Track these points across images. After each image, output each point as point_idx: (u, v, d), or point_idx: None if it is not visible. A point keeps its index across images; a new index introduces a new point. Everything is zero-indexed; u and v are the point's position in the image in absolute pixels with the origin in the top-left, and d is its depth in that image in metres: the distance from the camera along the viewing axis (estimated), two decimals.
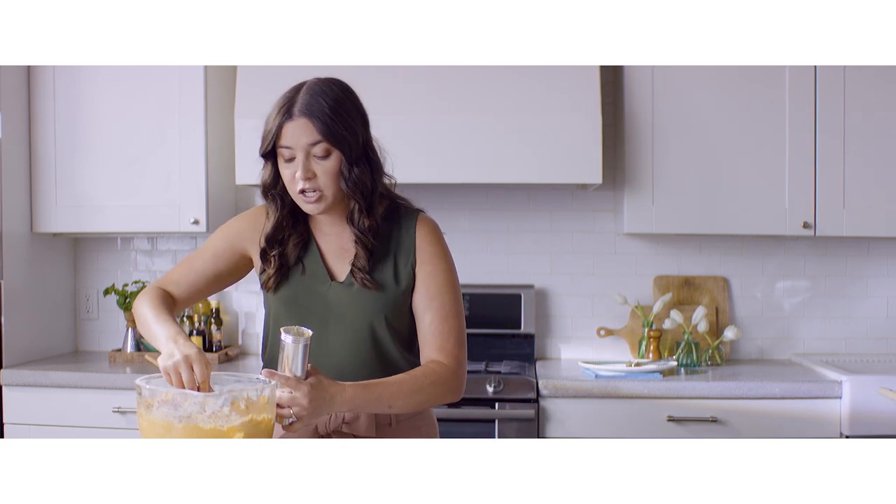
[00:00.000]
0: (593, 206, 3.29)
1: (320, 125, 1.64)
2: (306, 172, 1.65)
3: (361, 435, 1.70)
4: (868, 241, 3.25)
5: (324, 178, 1.66)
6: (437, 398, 1.69)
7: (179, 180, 3.03)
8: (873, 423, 2.66)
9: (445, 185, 3.08)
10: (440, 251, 1.76)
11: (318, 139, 1.64)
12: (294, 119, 1.64)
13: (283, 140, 1.66)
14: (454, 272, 1.78)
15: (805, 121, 2.94)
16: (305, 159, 1.65)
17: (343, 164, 1.67)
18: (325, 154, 1.65)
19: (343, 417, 1.70)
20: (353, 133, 1.67)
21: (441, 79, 2.87)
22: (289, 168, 1.68)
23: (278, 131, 1.66)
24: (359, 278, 1.71)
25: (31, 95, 3.08)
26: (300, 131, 1.64)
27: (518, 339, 3.23)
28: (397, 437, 1.72)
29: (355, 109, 1.70)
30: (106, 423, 2.79)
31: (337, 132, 1.65)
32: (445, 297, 1.73)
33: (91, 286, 3.41)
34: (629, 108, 2.98)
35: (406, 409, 1.67)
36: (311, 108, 1.64)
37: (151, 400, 1.40)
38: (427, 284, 1.73)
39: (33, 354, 3.11)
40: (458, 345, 1.73)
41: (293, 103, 1.66)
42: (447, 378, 1.70)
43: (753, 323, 3.28)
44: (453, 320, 1.74)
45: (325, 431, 1.70)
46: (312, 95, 1.66)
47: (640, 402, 2.71)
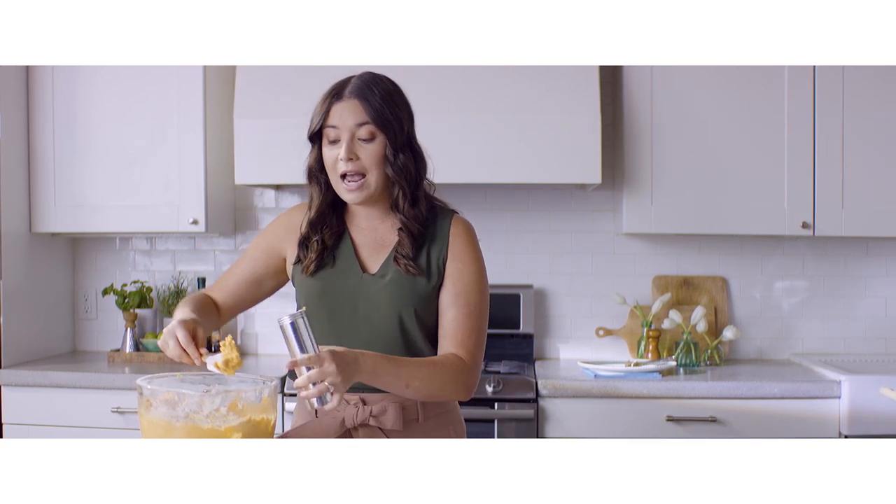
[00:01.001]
0: (592, 206, 3.29)
1: (369, 107, 1.67)
2: (349, 153, 1.67)
3: (388, 428, 1.69)
4: (867, 241, 3.25)
5: (367, 160, 1.68)
6: (450, 390, 1.68)
7: (178, 180, 3.03)
8: (872, 423, 2.66)
9: (445, 185, 3.06)
10: (472, 251, 1.77)
11: (365, 120, 1.67)
12: (344, 100, 1.69)
13: (330, 120, 1.69)
14: (484, 274, 1.78)
15: (804, 121, 2.94)
16: (350, 140, 1.68)
17: (388, 149, 1.69)
18: (371, 137, 1.68)
19: (371, 410, 1.69)
20: (399, 121, 1.70)
21: (441, 79, 2.87)
22: (332, 150, 1.70)
23: (327, 111, 1.69)
24: (402, 264, 1.71)
25: (30, 95, 3.07)
26: (348, 111, 1.68)
27: (517, 339, 3.23)
28: (425, 433, 1.71)
29: (404, 103, 1.74)
30: (105, 424, 2.79)
31: (384, 116, 1.68)
32: (472, 296, 1.74)
33: (90, 286, 3.40)
34: (628, 108, 2.98)
35: (421, 391, 1.64)
36: (362, 91, 1.68)
37: (152, 399, 1.40)
38: (455, 281, 1.74)
39: (32, 354, 3.11)
40: (477, 345, 1.73)
41: (344, 87, 1.70)
42: (463, 372, 1.69)
43: (752, 323, 3.28)
44: (476, 320, 1.74)
45: (353, 424, 1.69)
46: (364, 82, 1.70)
47: (640, 402, 2.71)
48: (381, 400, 1.70)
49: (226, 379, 1.54)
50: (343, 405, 1.70)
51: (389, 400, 1.69)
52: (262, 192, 3.33)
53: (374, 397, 1.70)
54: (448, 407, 1.78)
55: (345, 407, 1.70)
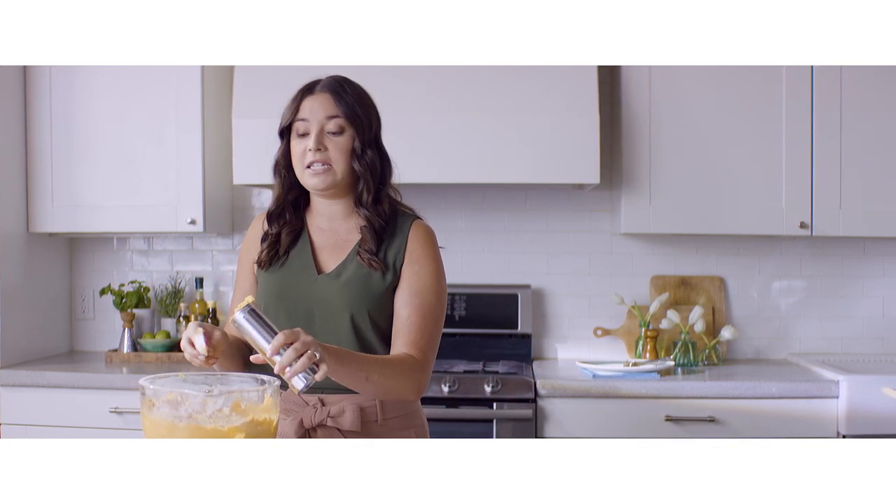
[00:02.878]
0: (590, 205, 3.29)
1: (341, 101, 1.72)
2: (318, 144, 1.70)
3: (346, 429, 1.70)
4: (864, 241, 3.25)
5: (335, 152, 1.71)
6: (404, 387, 1.68)
7: (176, 180, 3.02)
8: (870, 423, 2.66)
9: (443, 185, 3.08)
10: (430, 253, 1.77)
11: (335, 113, 1.71)
12: (315, 94, 1.73)
13: (301, 114, 1.73)
14: (442, 277, 1.77)
15: (802, 121, 2.95)
16: (319, 132, 1.71)
17: (356, 143, 1.72)
18: (340, 130, 1.71)
19: (329, 411, 1.70)
20: (368, 119, 1.74)
21: (439, 79, 2.87)
22: (301, 143, 1.73)
23: (297, 106, 1.73)
24: (366, 259, 1.72)
25: (28, 95, 3.07)
26: (319, 104, 1.72)
27: (515, 339, 3.23)
28: (383, 435, 1.72)
29: (373, 106, 1.79)
30: (103, 424, 2.79)
31: (355, 112, 1.72)
32: (428, 297, 1.73)
33: (87, 286, 3.40)
34: (626, 108, 2.98)
35: (379, 386, 1.64)
36: (334, 87, 1.73)
37: (154, 400, 1.40)
38: (411, 281, 1.74)
39: (29, 355, 3.11)
40: (430, 346, 1.72)
41: (316, 83, 1.75)
42: (416, 370, 1.69)
43: (749, 323, 3.28)
44: (431, 322, 1.73)
45: (311, 424, 1.70)
46: (336, 80, 1.76)
47: (638, 401, 2.71)
48: (339, 401, 1.71)
49: (227, 379, 1.54)
50: (301, 406, 1.72)
51: (348, 401, 1.70)
52: (259, 192, 3.33)
53: (333, 398, 1.71)
54: (409, 409, 1.77)
55: (303, 408, 1.72)
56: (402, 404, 1.75)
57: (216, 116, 3.10)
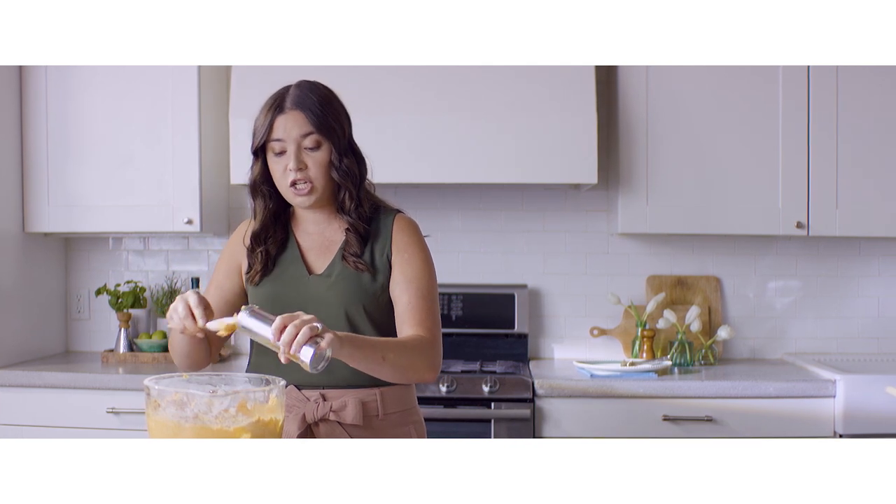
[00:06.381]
0: (586, 206, 3.30)
1: (312, 117, 1.71)
2: (298, 163, 1.71)
3: (349, 423, 1.71)
4: (859, 240, 3.26)
5: (315, 169, 1.72)
6: (420, 367, 1.70)
7: (173, 180, 3.02)
8: (867, 422, 2.67)
9: (440, 185, 3.08)
10: (417, 242, 1.80)
11: (310, 130, 1.71)
12: (286, 112, 1.72)
13: (274, 133, 1.72)
14: (431, 264, 1.80)
15: (798, 121, 2.95)
16: (297, 151, 1.72)
17: (333, 154, 1.74)
18: (316, 145, 1.72)
19: (331, 406, 1.72)
20: (340, 126, 1.75)
21: (436, 79, 2.87)
22: (279, 162, 1.74)
23: (270, 125, 1.72)
24: (351, 262, 1.75)
25: (23, 95, 3.06)
26: (292, 123, 1.71)
27: (511, 339, 3.23)
28: (384, 429, 1.74)
29: (341, 107, 1.79)
30: (100, 424, 2.78)
31: (328, 124, 1.73)
32: (422, 281, 1.76)
33: (82, 286, 3.39)
34: (623, 108, 2.98)
35: (396, 366, 1.66)
36: (303, 101, 1.72)
37: (160, 400, 1.39)
38: (404, 269, 1.76)
39: (24, 355, 3.10)
40: (435, 325, 1.76)
41: (283, 99, 1.73)
42: (429, 349, 1.72)
43: (745, 322, 3.29)
44: (430, 303, 1.76)
45: (314, 419, 1.72)
46: (302, 90, 1.74)
47: (636, 401, 2.72)
48: (341, 395, 1.73)
49: (232, 379, 1.54)
50: (303, 402, 1.73)
51: (350, 395, 1.73)
52: None
53: (334, 393, 1.73)
54: (408, 405, 1.80)
55: (305, 403, 1.73)
56: (401, 399, 1.78)
57: (213, 116, 3.10)
